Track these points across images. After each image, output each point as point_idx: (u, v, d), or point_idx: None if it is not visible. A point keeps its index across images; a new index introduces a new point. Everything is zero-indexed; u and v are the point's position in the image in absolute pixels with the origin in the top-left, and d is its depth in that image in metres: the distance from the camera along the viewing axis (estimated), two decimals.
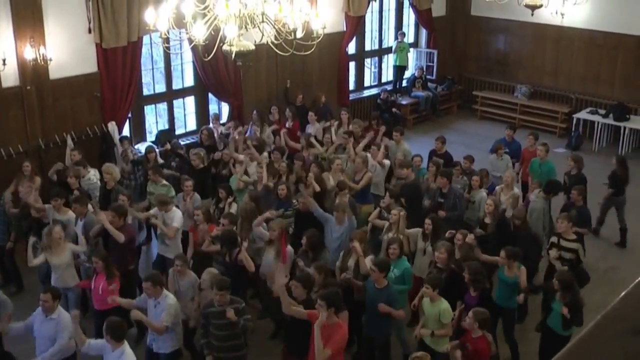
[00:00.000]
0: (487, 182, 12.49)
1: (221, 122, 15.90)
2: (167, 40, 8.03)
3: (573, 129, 19.13)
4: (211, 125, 15.33)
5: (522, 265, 9.49)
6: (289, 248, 9.98)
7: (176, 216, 10.90)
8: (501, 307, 9.47)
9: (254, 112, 15.40)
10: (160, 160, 13.45)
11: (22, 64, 12.70)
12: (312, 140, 14.17)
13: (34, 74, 12.86)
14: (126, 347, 7.56)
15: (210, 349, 8.46)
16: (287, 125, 15.51)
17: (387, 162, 12.93)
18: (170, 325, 8.49)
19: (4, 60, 12.07)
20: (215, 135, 14.70)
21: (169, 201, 11.03)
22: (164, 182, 12.08)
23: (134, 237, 10.59)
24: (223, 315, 8.15)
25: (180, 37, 8.49)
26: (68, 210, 10.92)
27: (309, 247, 9.80)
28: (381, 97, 19.49)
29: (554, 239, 10.28)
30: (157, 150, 13.78)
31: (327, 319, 7.58)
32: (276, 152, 13.27)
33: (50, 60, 12.81)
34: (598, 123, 18.75)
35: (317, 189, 11.53)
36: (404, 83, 21.36)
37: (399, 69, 21.09)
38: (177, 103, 16.45)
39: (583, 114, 19.23)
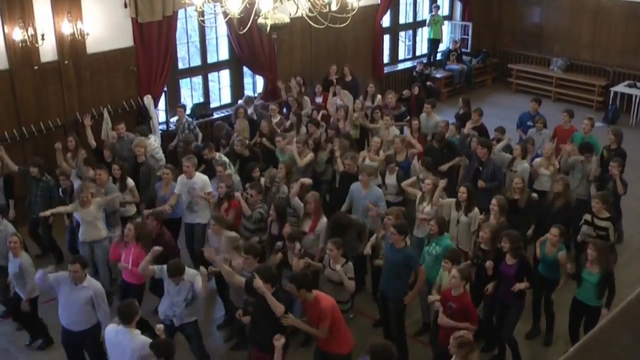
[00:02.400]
0: (532, 151, 12.47)
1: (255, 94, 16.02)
2: (202, 13, 8.06)
3: (610, 102, 18.93)
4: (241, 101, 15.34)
5: (564, 248, 9.43)
6: (323, 220, 10.04)
7: (200, 180, 10.97)
8: (545, 277, 9.50)
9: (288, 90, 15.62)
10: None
11: (60, 39, 12.85)
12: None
13: (71, 49, 13.01)
14: (136, 330, 7.56)
15: (247, 313, 8.57)
16: (316, 100, 15.64)
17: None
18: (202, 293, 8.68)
19: (42, 36, 12.22)
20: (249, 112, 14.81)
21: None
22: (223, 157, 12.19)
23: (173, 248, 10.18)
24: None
25: (215, 11, 8.51)
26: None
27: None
28: (417, 69, 19.44)
29: (587, 217, 10.27)
30: (191, 122, 14.03)
31: (306, 298, 7.78)
32: (311, 124, 13.36)
33: (88, 35, 12.93)
34: (636, 96, 18.50)
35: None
36: (439, 56, 21.26)
37: (434, 42, 20.98)
38: (212, 76, 16.53)
39: (620, 87, 19.01)
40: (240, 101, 15.37)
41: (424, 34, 21.36)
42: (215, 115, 15.63)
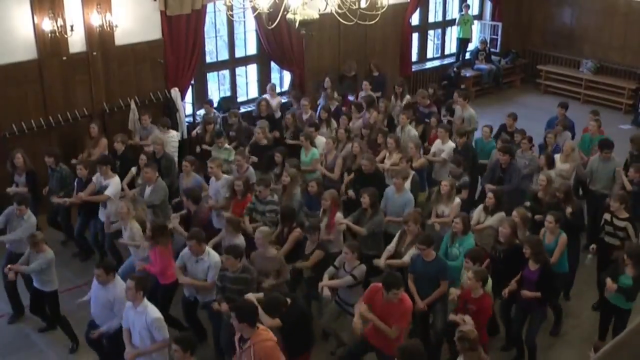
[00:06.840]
0: (552, 143, 12.52)
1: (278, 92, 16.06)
2: (231, 8, 8.07)
3: (639, 105, 18.69)
4: (267, 95, 15.35)
5: (563, 232, 9.47)
6: (339, 215, 10.00)
7: (225, 183, 11.01)
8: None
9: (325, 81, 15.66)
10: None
11: (88, 31, 12.92)
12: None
13: (100, 40, 13.08)
14: (147, 302, 7.71)
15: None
16: (349, 97, 15.61)
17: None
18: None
19: (71, 27, 12.31)
20: (274, 105, 14.81)
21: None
22: (227, 145, 12.30)
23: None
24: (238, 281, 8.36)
25: (244, 5, 8.52)
26: (115, 175, 11.12)
27: (369, 205, 9.92)
28: (454, 70, 19.33)
29: (607, 216, 10.20)
30: (218, 116, 14.04)
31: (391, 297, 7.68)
32: (344, 117, 13.65)
33: (116, 26, 12.96)
34: None
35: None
36: (467, 56, 21.11)
37: (463, 42, 20.81)
38: (239, 71, 16.56)
39: None
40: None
41: (453, 33, 21.20)
42: (242, 110, 15.55)
